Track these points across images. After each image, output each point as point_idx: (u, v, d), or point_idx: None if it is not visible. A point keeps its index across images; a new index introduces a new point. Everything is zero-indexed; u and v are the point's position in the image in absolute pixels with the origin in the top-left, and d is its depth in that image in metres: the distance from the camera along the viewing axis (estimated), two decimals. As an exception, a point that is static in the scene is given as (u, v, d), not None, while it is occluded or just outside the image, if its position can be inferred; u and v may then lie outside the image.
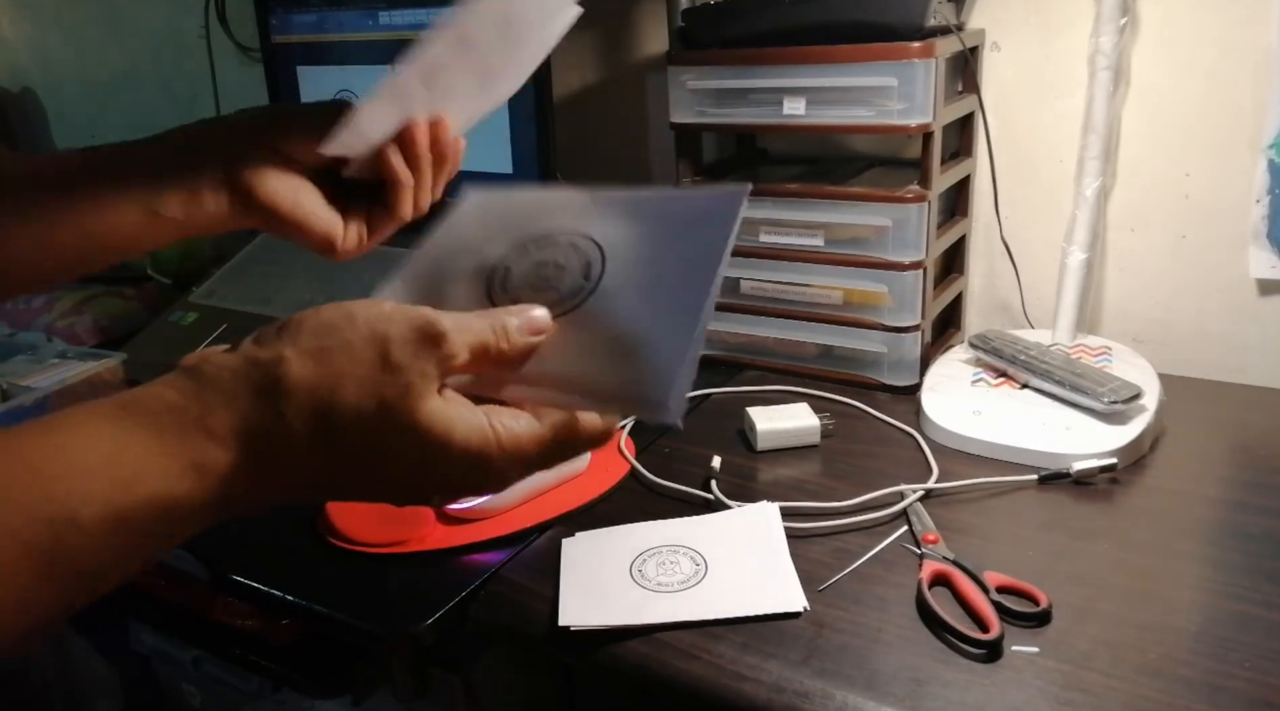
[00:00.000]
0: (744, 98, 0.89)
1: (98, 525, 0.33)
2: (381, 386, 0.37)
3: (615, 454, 0.80)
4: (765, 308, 0.94)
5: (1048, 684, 0.52)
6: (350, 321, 0.38)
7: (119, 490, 0.33)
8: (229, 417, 0.36)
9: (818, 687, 0.53)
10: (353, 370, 0.36)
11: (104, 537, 0.33)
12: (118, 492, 0.33)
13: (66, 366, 0.99)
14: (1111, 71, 0.84)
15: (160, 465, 0.34)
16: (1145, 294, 0.94)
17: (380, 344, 0.37)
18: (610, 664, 0.57)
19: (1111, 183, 0.91)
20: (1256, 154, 0.85)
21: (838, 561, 0.64)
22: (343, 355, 0.37)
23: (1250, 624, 0.56)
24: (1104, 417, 0.76)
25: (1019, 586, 0.59)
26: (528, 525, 0.69)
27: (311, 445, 0.36)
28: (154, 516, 0.34)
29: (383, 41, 1.09)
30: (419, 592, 0.63)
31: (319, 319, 0.38)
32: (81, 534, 0.32)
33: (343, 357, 0.37)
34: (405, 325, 0.37)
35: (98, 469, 0.33)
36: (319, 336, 0.37)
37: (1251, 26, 0.83)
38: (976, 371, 0.86)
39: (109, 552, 0.34)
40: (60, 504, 0.32)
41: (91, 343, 1.13)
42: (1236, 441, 0.79)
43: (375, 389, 0.36)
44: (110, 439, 0.34)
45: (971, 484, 0.72)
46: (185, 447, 0.35)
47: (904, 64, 0.81)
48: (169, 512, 0.35)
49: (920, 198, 0.84)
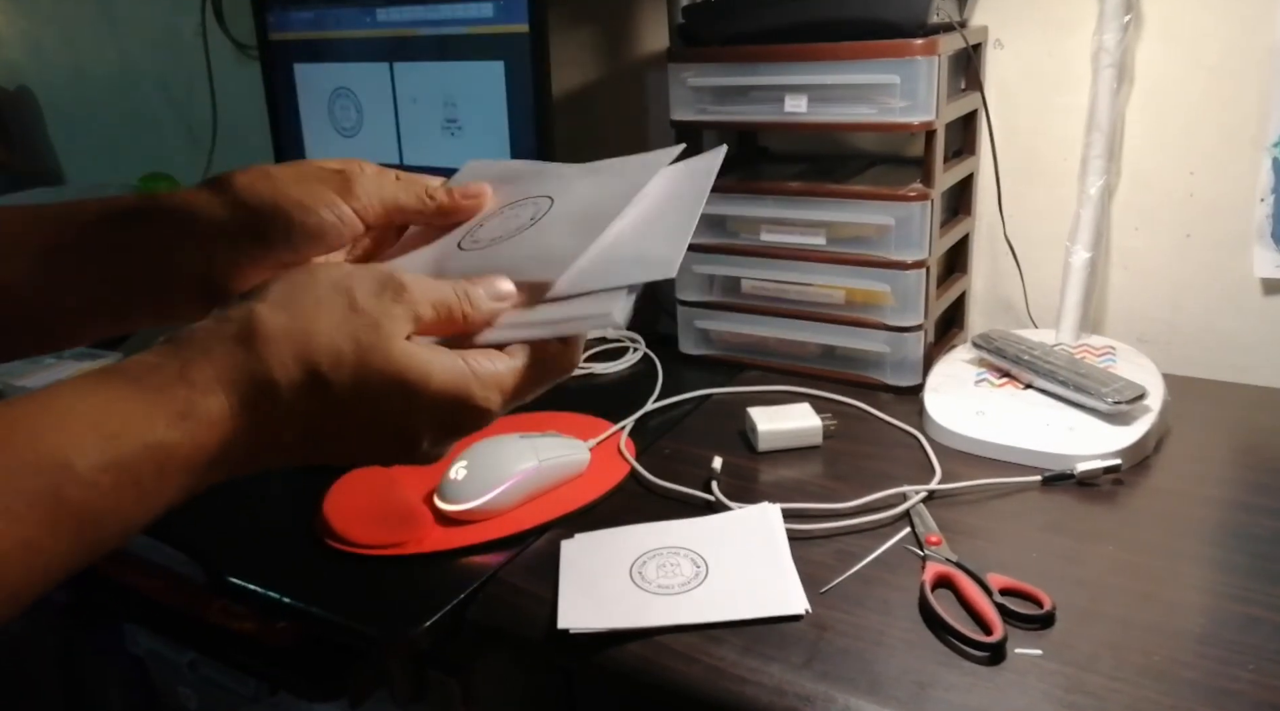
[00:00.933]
0: (745, 95, 0.88)
1: (94, 473, 0.34)
2: (354, 327, 0.38)
3: (615, 455, 0.79)
4: (767, 307, 0.94)
5: (1051, 686, 0.52)
6: (314, 277, 0.40)
7: (109, 440, 0.34)
8: (209, 367, 0.37)
9: (820, 691, 0.53)
10: (324, 315, 0.38)
11: (101, 486, 0.34)
12: (109, 443, 0.34)
13: (64, 366, 0.98)
14: (1115, 69, 0.84)
15: (145, 415, 0.35)
16: (1149, 293, 0.93)
17: (346, 292, 0.39)
18: (610, 667, 0.57)
19: (1115, 181, 0.90)
20: (1261, 152, 0.84)
21: (840, 563, 0.63)
22: (311, 303, 0.39)
23: (1256, 626, 0.55)
24: (1108, 418, 0.75)
25: (1022, 588, 0.59)
26: (526, 527, 0.69)
27: (298, 392, 0.38)
28: (149, 465, 0.35)
29: (380, 39, 1.08)
30: (417, 595, 0.63)
31: (286, 279, 0.40)
32: (80, 483, 0.33)
33: (311, 305, 0.39)
34: (368, 277, 0.40)
35: (87, 423, 0.34)
36: (287, 291, 0.39)
37: (1256, 24, 0.82)
38: (980, 371, 0.86)
39: (108, 500, 0.34)
40: (56, 454, 0.33)
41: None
42: (1242, 442, 0.79)
43: (349, 330, 0.38)
44: (96, 397, 0.35)
45: (975, 485, 0.72)
46: (167, 398, 0.36)
47: (906, 61, 0.80)
48: (163, 461, 0.35)
49: (923, 196, 0.84)
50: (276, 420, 0.38)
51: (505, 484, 0.70)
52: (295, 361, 0.37)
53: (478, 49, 1.01)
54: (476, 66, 1.02)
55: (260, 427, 0.37)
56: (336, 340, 0.38)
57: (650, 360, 0.99)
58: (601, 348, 1.04)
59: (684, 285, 0.98)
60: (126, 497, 0.35)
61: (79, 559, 0.34)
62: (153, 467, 0.35)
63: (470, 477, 0.70)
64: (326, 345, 0.38)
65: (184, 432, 0.36)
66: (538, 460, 0.72)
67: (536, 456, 0.72)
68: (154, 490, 0.36)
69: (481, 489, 0.69)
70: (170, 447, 0.35)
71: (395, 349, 0.39)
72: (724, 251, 0.94)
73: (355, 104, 1.13)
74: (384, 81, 1.09)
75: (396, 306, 0.40)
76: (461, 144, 1.06)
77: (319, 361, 0.38)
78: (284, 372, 0.37)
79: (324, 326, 0.38)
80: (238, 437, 0.37)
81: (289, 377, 0.37)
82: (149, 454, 0.35)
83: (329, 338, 0.38)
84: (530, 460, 0.72)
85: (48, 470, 0.33)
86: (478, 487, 0.70)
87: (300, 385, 0.38)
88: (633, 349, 1.01)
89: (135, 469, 0.35)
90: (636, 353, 1.01)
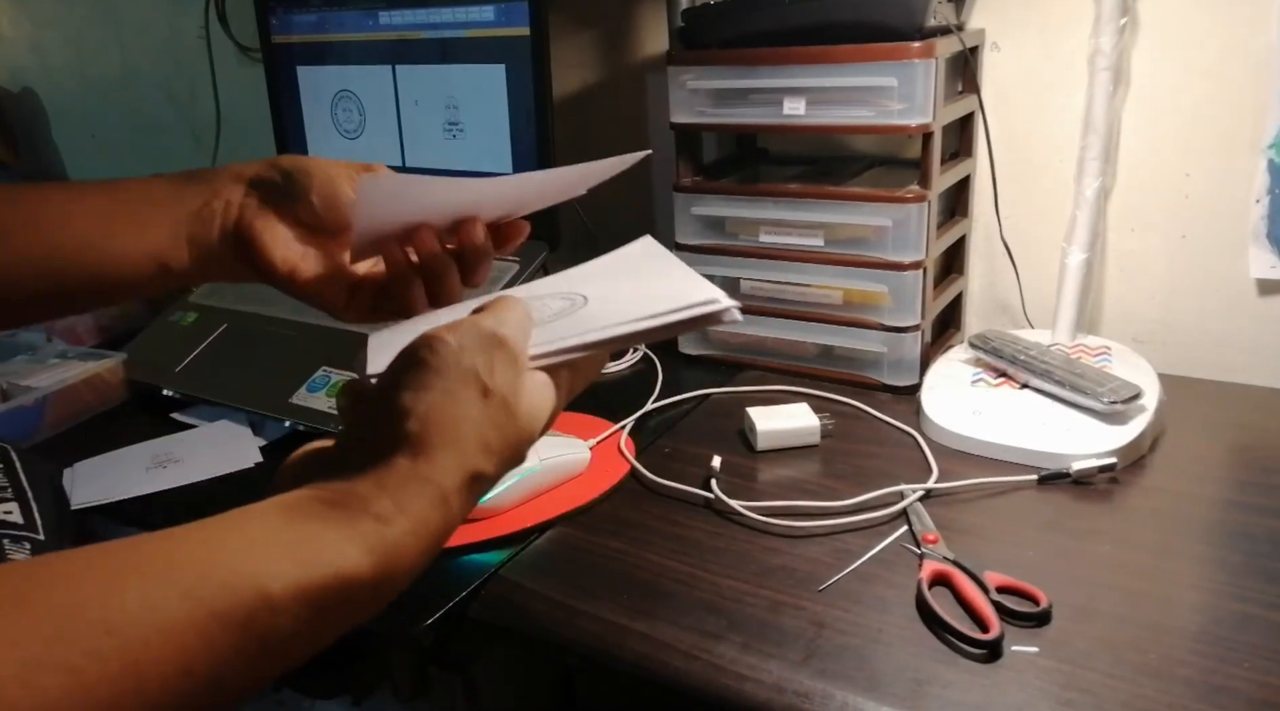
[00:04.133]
0: (744, 98, 0.89)
1: (286, 599, 0.33)
2: (494, 417, 0.40)
3: (615, 454, 0.80)
4: (765, 308, 0.94)
5: (1048, 684, 0.52)
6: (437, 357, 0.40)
7: (304, 567, 0.34)
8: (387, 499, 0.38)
9: (818, 688, 0.53)
10: (463, 413, 0.39)
11: (292, 613, 0.34)
12: (303, 569, 0.34)
13: (67, 366, 0.99)
14: (1111, 71, 0.84)
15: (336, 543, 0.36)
16: (1145, 294, 0.94)
17: (473, 380, 0.40)
18: (610, 664, 0.57)
19: (1111, 183, 0.91)
20: (1256, 154, 0.85)
21: (838, 561, 0.64)
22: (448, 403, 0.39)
23: (1250, 624, 0.56)
24: (1104, 418, 0.76)
25: (1019, 586, 0.59)
26: (528, 525, 0.69)
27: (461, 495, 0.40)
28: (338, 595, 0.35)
29: (383, 41, 1.09)
30: (419, 592, 0.63)
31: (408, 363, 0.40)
32: (272, 609, 0.33)
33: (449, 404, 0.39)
34: (478, 349, 0.41)
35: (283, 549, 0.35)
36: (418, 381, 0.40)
37: (1251, 26, 0.83)
38: (976, 371, 0.86)
39: (296, 628, 0.34)
40: (249, 577, 0.33)
41: (91, 342, 1.13)
42: (1236, 441, 0.79)
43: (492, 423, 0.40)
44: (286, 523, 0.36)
45: (971, 484, 0.72)
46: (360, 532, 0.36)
47: (904, 64, 0.81)
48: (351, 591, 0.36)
49: (920, 198, 0.84)
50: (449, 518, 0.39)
51: (506, 482, 0.70)
52: (458, 470, 0.39)
53: (479, 52, 1.02)
54: (478, 69, 1.02)
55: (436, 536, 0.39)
56: (486, 437, 0.40)
57: (650, 360, 1.00)
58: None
59: (684, 286, 0.98)
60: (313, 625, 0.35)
61: (257, 682, 0.34)
62: (341, 599, 0.35)
63: (472, 477, 0.70)
64: (478, 447, 0.39)
65: (372, 563, 0.36)
66: (538, 459, 0.72)
67: (537, 455, 0.72)
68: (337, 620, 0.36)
69: (483, 488, 0.70)
70: (361, 577, 0.36)
71: (523, 421, 0.41)
72: (723, 252, 0.95)
73: (358, 106, 1.14)
74: (386, 84, 1.10)
75: (511, 372, 0.41)
76: (463, 146, 1.07)
77: (477, 465, 0.39)
78: (451, 480, 0.39)
79: (470, 431, 0.39)
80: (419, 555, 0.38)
81: (455, 483, 0.39)
82: (339, 582, 0.35)
83: (479, 439, 0.39)
84: (531, 459, 0.72)
85: (243, 592, 0.33)
86: (479, 486, 0.70)
87: (463, 486, 0.39)
88: (632, 349, 1.02)
89: (323, 599, 0.35)
90: (636, 353, 1.01)
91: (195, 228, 0.52)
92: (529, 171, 0.52)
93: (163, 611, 0.31)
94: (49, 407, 0.94)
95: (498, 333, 0.41)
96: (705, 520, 0.71)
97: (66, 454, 0.87)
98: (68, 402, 0.95)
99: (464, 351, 0.40)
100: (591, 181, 0.55)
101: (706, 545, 0.67)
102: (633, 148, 0.55)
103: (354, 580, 0.36)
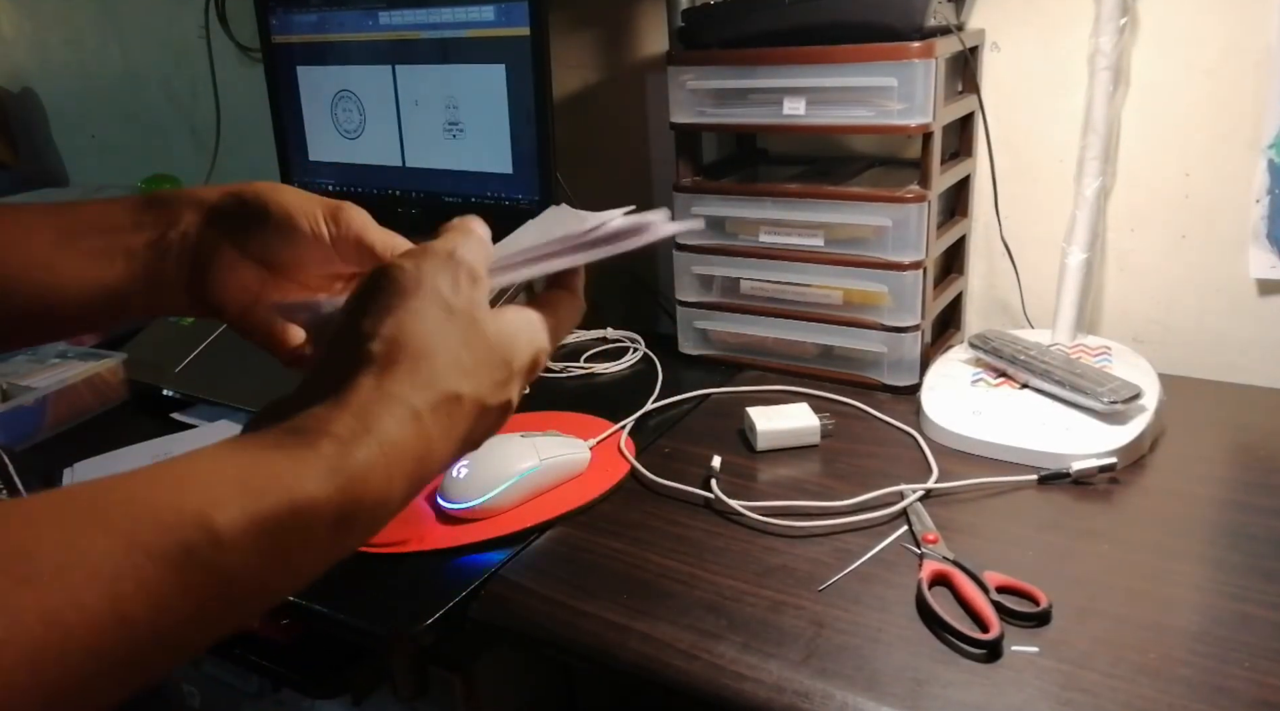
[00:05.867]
0: (744, 98, 0.89)
1: (234, 532, 0.31)
2: (461, 332, 0.39)
3: (615, 454, 0.80)
4: (765, 308, 0.94)
5: (1048, 684, 0.52)
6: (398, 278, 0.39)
7: (252, 496, 0.32)
8: (349, 416, 0.35)
9: (818, 687, 0.53)
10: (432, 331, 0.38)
11: (242, 548, 0.31)
12: (251, 499, 0.32)
13: (67, 366, 0.99)
14: (1111, 71, 0.84)
15: (293, 471, 0.33)
16: (1145, 294, 0.94)
17: (438, 299, 0.39)
18: (610, 664, 0.57)
19: (1111, 183, 0.91)
20: (1256, 154, 0.85)
21: (838, 561, 0.64)
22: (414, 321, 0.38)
23: (1250, 624, 0.56)
24: (1104, 417, 0.76)
25: (1019, 586, 0.59)
26: (528, 525, 0.69)
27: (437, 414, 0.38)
28: (295, 526, 0.32)
29: (382, 42, 1.09)
30: (419, 592, 0.63)
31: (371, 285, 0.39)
32: (217, 543, 0.30)
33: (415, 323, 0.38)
34: (443, 270, 0.40)
35: (230, 479, 0.32)
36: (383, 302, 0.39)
37: (1251, 26, 0.83)
38: (976, 371, 0.86)
39: (247, 565, 0.31)
40: (191, 511, 0.30)
41: (91, 342, 1.13)
42: (1236, 441, 0.79)
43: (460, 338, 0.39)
44: (241, 456, 0.33)
45: (971, 484, 0.72)
46: (314, 454, 0.34)
47: (904, 64, 0.81)
48: (309, 521, 0.33)
49: (920, 198, 0.84)
50: (425, 442, 0.37)
51: (507, 482, 0.71)
52: (429, 387, 0.37)
53: (479, 52, 1.02)
54: (478, 69, 1.02)
55: (411, 461, 0.37)
56: (456, 353, 0.38)
57: (650, 360, 1.00)
58: (602, 348, 1.04)
59: (683, 286, 0.98)
60: (266, 556, 0.32)
61: (212, 623, 0.31)
62: (299, 527, 0.32)
63: (472, 476, 0.71)
64: (449, 362, 0.38)
65: (334, 488, 0.33)
66: (539, 459, 0.72)
67: (538, 455, 0.73)
68: (297, 548, 0.33)
69: (483, 487, 0.70)
70: (319, 504, 0.33)
71: (493, 339, 0.40)
72: (723, 252, 0.95)
73: (358, 106, 1.14)
74: (386, 84, 1.10)
75: (473, 289, 0.40)
76: (463, 146, 1.07)
77: (451, 384, 0.38)
78: (422, 398, 0.37)
79: (438, 344, 0.38)
80: (391, 482, 0.36)
81: (427, 401, 0.37)
82: (294, 510, 0.32)
83: (449, 355, 0.38)
84: (531, 459, 0.72)
85: (182, 527, 0.30)
86: (479, 486, 0.70)
87: (438, 406, 0.37)
88: (632, 349, 1.02)
89: (278, 528, 0.32)
90: (636, 353, 1.01)
91: (150, 259, 0.48)
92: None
93: (89, 554, 0.28)
94: (49, 407, 0.94)
95: (455, 252, 0.40)
96: (705, 520, 0.71)
97: (67, 454, 0.87)
98: (68, 402, 0.95)
99: (423, 273, 0.39)
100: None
101: (706, 545, 0.67)
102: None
103: (312, 507, 0.32)
